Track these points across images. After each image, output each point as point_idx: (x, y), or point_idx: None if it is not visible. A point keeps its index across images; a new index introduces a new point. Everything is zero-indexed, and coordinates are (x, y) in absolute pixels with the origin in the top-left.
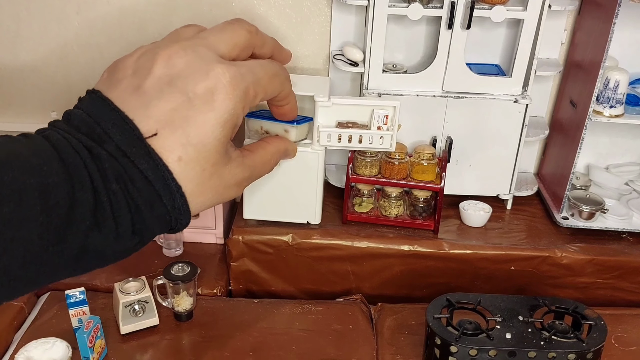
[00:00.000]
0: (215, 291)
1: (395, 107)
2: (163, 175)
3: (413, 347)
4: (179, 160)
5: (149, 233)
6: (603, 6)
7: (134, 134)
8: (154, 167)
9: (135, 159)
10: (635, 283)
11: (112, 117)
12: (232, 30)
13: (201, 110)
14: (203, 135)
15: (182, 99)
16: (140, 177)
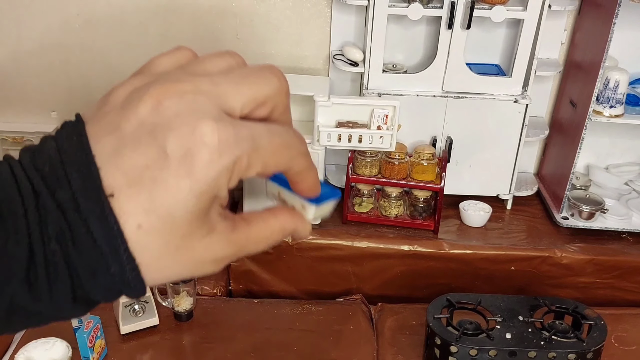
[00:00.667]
0: (215, 291)
1: (395, 107)
2: (114, 242)
3: (413, 347)
4: (138, 228)
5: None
6: (603, 6)
7: (95, 185)
8: (107, 231)
9: (88, 216)
10: (635, 283)
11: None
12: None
13: (175, 173)
14: (172, 204)
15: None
16: (87, 239)
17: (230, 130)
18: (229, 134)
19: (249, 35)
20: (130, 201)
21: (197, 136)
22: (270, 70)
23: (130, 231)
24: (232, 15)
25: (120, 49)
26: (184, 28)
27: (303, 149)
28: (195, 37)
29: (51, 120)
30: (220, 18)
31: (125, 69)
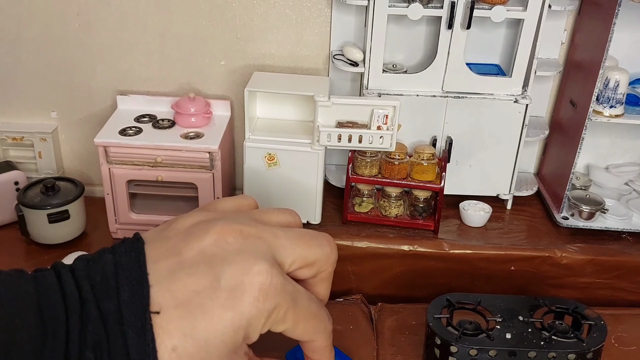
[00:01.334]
0: None
1: (395, 107)
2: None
3: (413, 347)
4: (172, 349)
5: None
6: (603, 6)
7: (143, 300)
8: (142, 347)
9: (128, 329)
10: (635, 283)
11: (134, 274)
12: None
13: (222, 304)
14: (210, 332)
15: (210, 284)
16: (122, 352)
17: (281, 279)
18: (279, 282)
19: (249, 35)
20: (173, 322)
21: (252, 274)
22: (325, 238)
23: (164, 351)
24: (232, 15)
25: (120, 49)
26: (183, 28)
27: (329, 331)
28: (195, 36)
29: (51, 120)
30: (220, 18)
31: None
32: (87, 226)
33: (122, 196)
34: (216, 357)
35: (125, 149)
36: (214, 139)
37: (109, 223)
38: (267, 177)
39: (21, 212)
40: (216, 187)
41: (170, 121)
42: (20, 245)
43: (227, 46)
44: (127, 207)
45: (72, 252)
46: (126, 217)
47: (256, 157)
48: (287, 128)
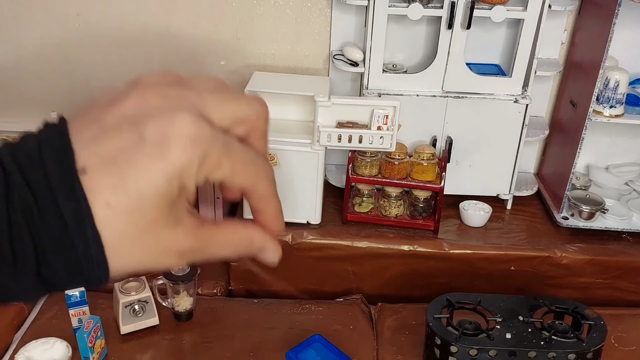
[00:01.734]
0: (215, 291)
1: (395, 107)
2: (81, 217)
3: (413, 347)
4: (106, 205)
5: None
6: (603, 6)
7: (68, 165)
8: (74, 205)
9: (58, 192)
10: (635, 283)
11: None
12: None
13: (149, 155)
14: (142, 184)
15: (134, 140)
16: (53, 213)
17: (207, 128)
18: (205, 130)
19: (249, 35)
20: (102, 179)
21: (175, 125)
22: (253, 96)
23: (98, 208)
24: (232, 14)
25: (120, 49)
26: (183, 27)
27: (271, 176)
28: (195, 36)
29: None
30: (220, 18)
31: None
32: None
33: None
34: (154, 210)
35: None
36: None
37: None
38: None
39: None
40: (216, 187)
41: None
42: None
43: (227, 46)
44: None
45: None
46: None
47: None
48: (287, 128)
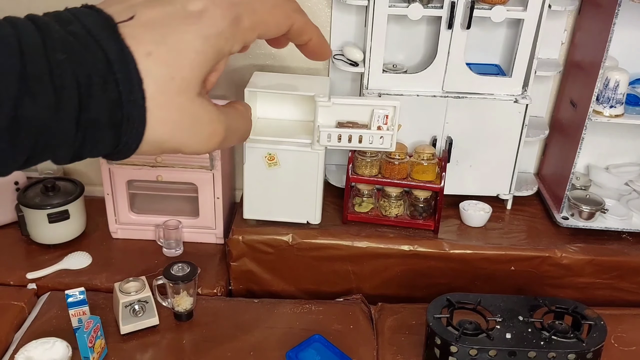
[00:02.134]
0: (215, 291)
1: (396, 107)
2: (125, 58)
3: (413, 347)
4: (147, 54)
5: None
6: (603, 6)
7: (106, 21)
8: (118, 47)
9: (100, 37)
10: (634, 283)
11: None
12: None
13: (186, 21)
14: (180, 41)
15: (171, 9)
16: (98, 52)
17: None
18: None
19: None
20: (141, 32)
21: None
22: None
23: (140, 56)
24: None
25: None
26: None
27: (299, 9)
28: None
29: None
30: None
31: None
32: (87, 226)
33: (122, 196)
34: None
35: None
36: None
37: (109, 223)
38: (267, 177)
39: (21, 212)
40: (216, 187)
41: None
42: (20, 245)
43: None
44: (127, 207)
45: (72, 252)
46: (126, 217)
47: (256, 157)
48: (287, 128)
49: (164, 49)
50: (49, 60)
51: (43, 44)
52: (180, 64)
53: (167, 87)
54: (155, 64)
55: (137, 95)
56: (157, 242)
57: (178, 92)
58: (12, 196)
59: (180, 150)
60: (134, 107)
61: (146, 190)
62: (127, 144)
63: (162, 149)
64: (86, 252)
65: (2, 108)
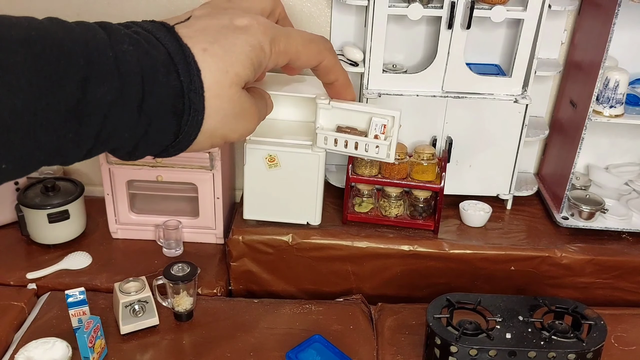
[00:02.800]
0: (215, 291)
1: (395, 117)
2: (184, 51)
3: (413, 347)
4: (203, 50)
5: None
6: (603, 6)
7: (163, 25)
8: (177, 45)
9: (159, 35)
10: (634, 283)
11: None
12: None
13: (235, 31)
14: (232, 44)
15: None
16: (160, 47)
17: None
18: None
19: None
20: (197, 34)
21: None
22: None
23: (197, 51)
24: None
25: None
26: None
27: (332, 50)
28: None
29: None
30: None
31: None
32: (87, 226)
33: (122, 196)
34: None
35: None
36: None
37: (109, 223)
38: (267, 178)
39: (21, 212)
40: (216, 187)
41: None
42: (20, 245)
43: None
44: (127, 207)
45: (72, 252)
46: (126, 217)
47: (257, 158)
48: (288, 129)
49: (217, 47)
50: (114, 50)
51: (109, 38)
52: (232, 60)
53: (222, 78)
54: (211, 58)
55: (197, 85)
56: (157, 242)
57: (230, 84)
58: (12, 196)
59: (227, 138)
60: (195, 96)
61: (146, 190)
62: (187, 133)
63: (213, 139)
64: (86, 252)
65: (69, 87)
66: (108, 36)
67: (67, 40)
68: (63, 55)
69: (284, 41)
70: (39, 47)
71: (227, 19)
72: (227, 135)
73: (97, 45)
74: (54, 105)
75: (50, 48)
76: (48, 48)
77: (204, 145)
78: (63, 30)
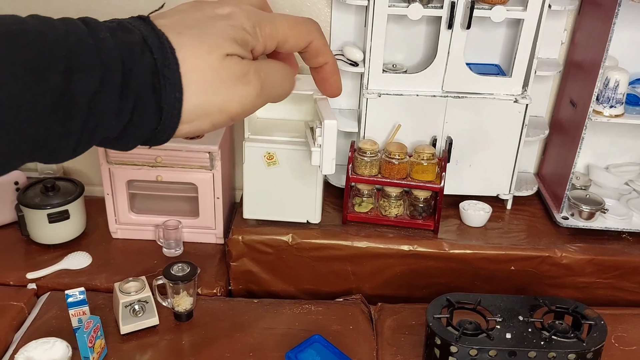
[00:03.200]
0: (215, 291)
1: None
2: (159, 36)
3: (413, 347)
4: (178, 33)
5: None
6: (603, 6)
7: (140, 17)
8: (151, 31)
9: (135, 25)
10: (635, 283)
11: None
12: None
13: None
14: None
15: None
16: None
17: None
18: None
19: None
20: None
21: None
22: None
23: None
24: None
25: None
26: None
27: (320, 30)
28: None
29: None
30: None
31: None
32: (87, 226)
33: (122, 196)
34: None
35: None
36: (213, 139)
37: (109, 223)
38: (266, 177)
39: (21, 212)
40: (216, 187)
41: None
42: (20, 245)
43: None
44: (127, 207)
45: (72, 252)
46: (126, 217)
47: (256, 157)
48: (286, 127)
49: (195, 31)
50: (94, 38)
51: (87, 29)
52: (210, 35)
53: (198, 50)
54: (187, 37)
55: (171, 61)
56: (157, 242)
57: (209, 51)
58: (12, 196)
59: (226, 110)
60: (169, 71)
61: (146, 190)
62: (169, 113)
63: (209, 116)
64: (86, 252)
65: (53, 78)
66: (86, 26)
67: (48, 33)
68: (45, 48)
69: (270, 25)
70: (21, 41)
71: (209, 9)
72: (224, 107)
73: (77, 36)
74: (39, 97)
75: (32, 41)
76: (30, 41)
77: (201, 125)
78: (43, 24)
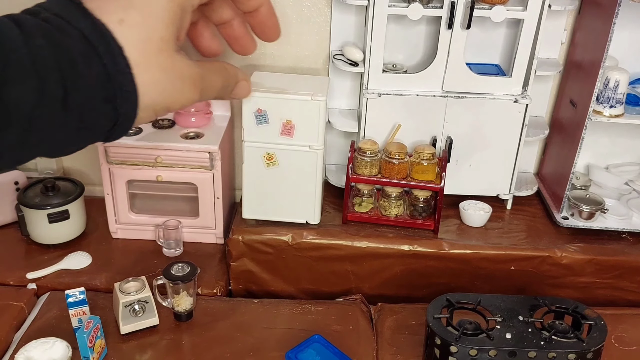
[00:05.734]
0: (215, 291)
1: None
2: (101, 31)
3: (413, 347)
4: (120, 22)
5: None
6: (603, 6)
7: (69, 2)
8: (91, 25)
9: (70, 18)
10: (635, 283)
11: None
12: None
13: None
14: (147, 2)
15: None
16: (74, 32)
17: None
18: None
19: None
20: (109, 2)
21: None
22: None
23: (114, 25)
24: None
25: None
26: None
27: None
28: None
29: None
30: None
31: None
32: (87, 226)
33: (122, 196)
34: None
35: (125, 149)
36: (214, 139)
37: (109, 223)
38: (266, 177)
39: (21, 212)
40: (216, 187)
41: (170, 121)
42: (21, 245)
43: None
44: (127, 207)
45: (72, 252)
46: (126, 217)
47: (255, 157)
48: None
49: (134, 13)
50: (28, 46)
51: (21, 34)
52: (154, 24)
53: (147, 49)
54: (130, 29)
55: (122, 64)
56: (157, 242)
57: (158, 52)
58: (12, 196)
59: (170, 108)
60: (122, 77)
61: (146, 190)
62: (125, 115)
63: (156, 111)
64: (86, 252)
65: None
66: (20, 31)
67: None
68: None
69: None
70: None
71: None
72: (169, 106)
73: (12, 45)
74: None
75: None
76: None
77: (145, 120)
78: None
